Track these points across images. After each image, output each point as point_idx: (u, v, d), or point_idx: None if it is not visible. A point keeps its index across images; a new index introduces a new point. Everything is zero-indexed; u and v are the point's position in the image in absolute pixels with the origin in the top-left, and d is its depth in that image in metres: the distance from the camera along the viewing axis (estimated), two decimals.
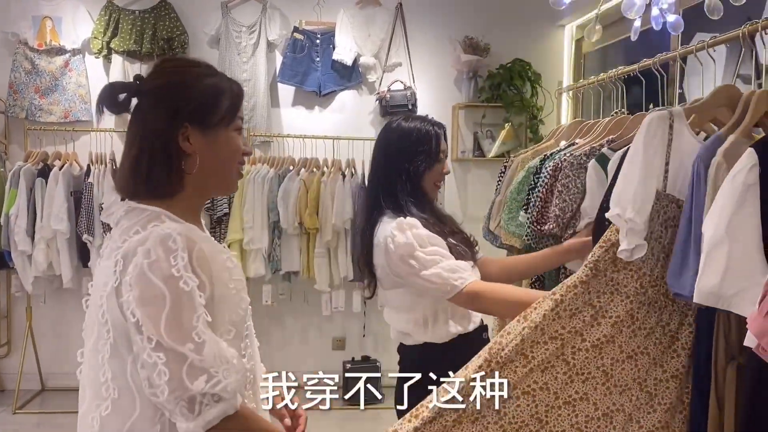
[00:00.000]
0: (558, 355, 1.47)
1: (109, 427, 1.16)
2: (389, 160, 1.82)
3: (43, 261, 3.97)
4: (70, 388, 4.39)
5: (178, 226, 1.13)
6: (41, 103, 4.28)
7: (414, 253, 1.67)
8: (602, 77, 2.45)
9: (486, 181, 4.55)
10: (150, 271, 1.08)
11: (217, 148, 1.20)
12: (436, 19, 4.54)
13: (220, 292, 1.15)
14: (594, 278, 1.47)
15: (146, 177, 1.17)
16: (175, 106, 1.17)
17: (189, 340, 1.07)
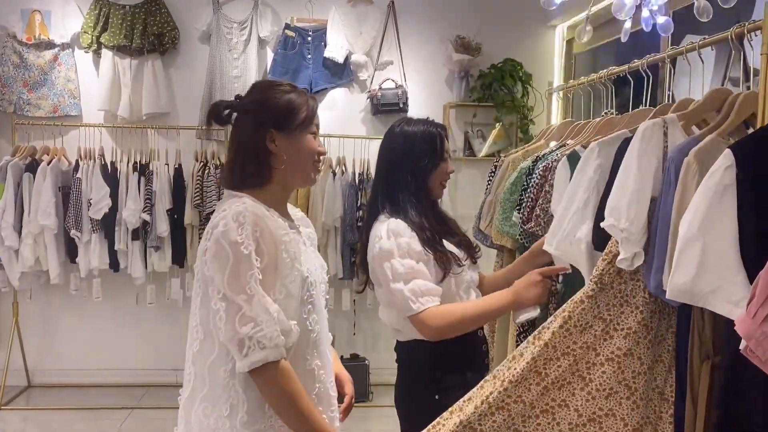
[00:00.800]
0: (573, 372, 1.47)
1: (198, 362, 1.47)
2: (394, 161, 1.87)
3: (30, 256, 3.94)
4: (57, 385, 4.38)
5: (251, 206, 1.43)
6: (30, 97, 4.25)
7: (391, 260, 1.74)
8: (593, 78, 2.46)
9: (476, 180, 4.56)
10: (222, 237, 1.39)
11: (296, 148, 1.52)
12: (427, 18, 4.54)
13: (275, 260, 1.43)
14: (601, 292, 1.48)
15: (241, 171, 1.51)
16: (263, 116, 1.51)
17: (243, 292, 1.36)
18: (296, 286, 1.46)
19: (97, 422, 3.87)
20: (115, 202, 4.04)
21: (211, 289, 1.40)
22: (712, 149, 1.41)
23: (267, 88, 1.56)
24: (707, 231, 1.25)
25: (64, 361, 4.45)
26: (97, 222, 4.01)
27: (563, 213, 1.70)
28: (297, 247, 1.48)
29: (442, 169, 1.88)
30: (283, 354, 1.39)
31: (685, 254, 1.27)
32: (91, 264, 4.05)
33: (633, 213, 1.45)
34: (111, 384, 4.38)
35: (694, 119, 1.61)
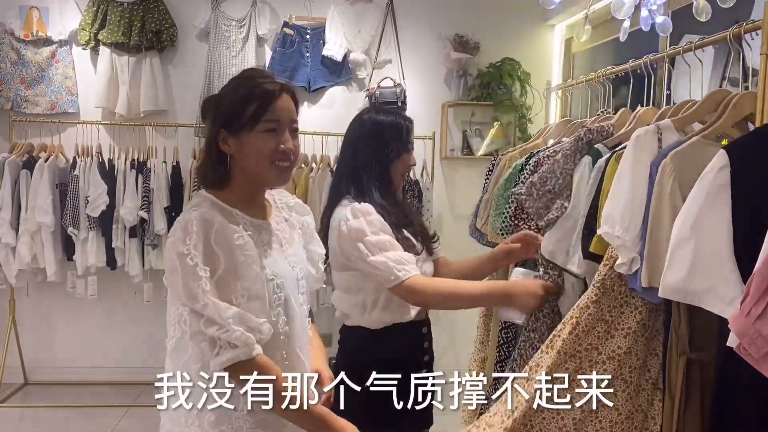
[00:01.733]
0: (576, 369, 1.52)
1: (173, 359, 1.47)
2: (360, 147, 1.91)
3: (27, 254, 3.93)
4: (54, 382, 4.37)
5: (201, 212, 1.38)
6: (27, 94, 4.24)
7: (364, 239, 1.75)
8: (591, 77, 2.46)
9: (474, 179, 4.54)
10: (170, 247, 1.39)
11: (245, 148, 1.43)
12: (426, 17, 4.53)
13: (233, 263, 1.38)
14: (603, 296, 1.52)
15: (204, 171, 1.48)
16: (213, 115, 1.46)
17: (197, 302, 1.34)
18: (259, 288, 1.41)
19: (94, 420, 3.86)
20: (113, 199, 4.03)
21: (172, 295, 1.42)
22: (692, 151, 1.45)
23: (229, 84, 1.49)
24: (700, 230, 1.26)
25: (60, 359, 4.44)
26: (95, 219, 4.01)
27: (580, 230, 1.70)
28: (252, 248, 1.41)
29: (405, 160, 1.93)
30: (253, 352, 1.36)
31: (678, 253, 1.29)
32: (88, 262, 4.04)
33: (627, 220, 1.47)
34: (108, 382, 4.37)
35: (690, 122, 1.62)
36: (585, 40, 2.67)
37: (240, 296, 1.38)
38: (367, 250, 1.75)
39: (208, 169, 1.47)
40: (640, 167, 1.50)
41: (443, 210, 4.64)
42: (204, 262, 1.34)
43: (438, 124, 4.55)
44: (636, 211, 1.47)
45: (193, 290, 1.34)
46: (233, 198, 1.46)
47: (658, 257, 1.41)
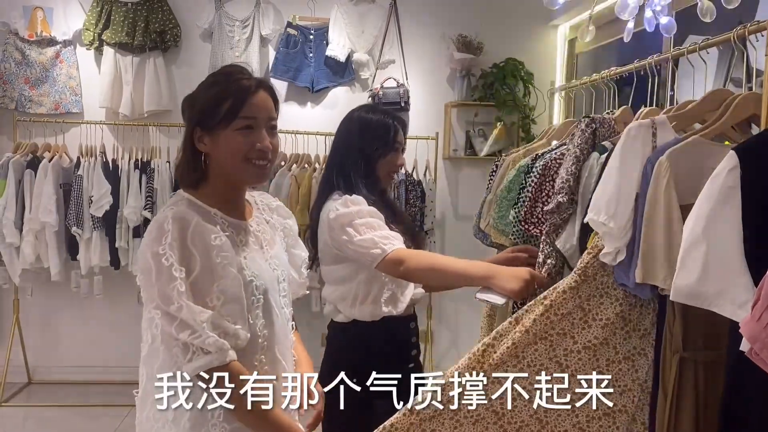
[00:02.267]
0: (550, 357, 1.50)
1: (146, 366, 1.43)
2: (348, 144, 1.93)
3: (30, 253, 3.94)
4: (57, 382, 4.38)
5: (177, 211, 1.35)
6: (31, 94, 4.25)
7: (352, 222, 1.77)
8: (595, 78, 2.46)
9: (477, 179, 4.55)
10: (145, 247, 1.34)
11: (221, 147, 1.40)
12: (429, 17, 4.54)
13: (209, 264, 1.33)
14: (584, 283, 1.51)
15: (181, 170, 1.45)
16: (189, 114, 1.43)
17: (171, 303, 1.29)
18: (236, 290, 1.36)
19: (97, 419, 3.87)
20: (116, 199, 4.04)
21: (144, 297, 1.35)
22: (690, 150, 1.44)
23: (204, 82, 1.45)
24: (711, 233, 1.26)
25: (64, 359, 4.46)
26: (98, 219, 4.02)
27: None
28: (229, 248, 1.37)
29: (391, 160, 1.95)
30: (227, 358, 1.31)
31: (690, 256, 1.28)
32: (92, 261, 4.05)
33: (613, 209, 1.47)
34: (111, 381, 4.37)
35: (689, 120, 1.62)
36: (589, 40, 2.67)
37: (216, 299, 1.33)
38: (354, 231, 1.77)
39: (185, 169, 1.44)
40: (630, 158, 1.49)
41: (446, 210, 4.64)
42: (179, 262, 1.30)
43: (441, 124, 4.55)
44: (623, 200, 1.47)
45: (167, 292, 1.29)
46: (211, 198, 1.43)
47: (653, 256, 1.42)
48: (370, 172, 1.92)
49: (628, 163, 1.49)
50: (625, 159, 1.49)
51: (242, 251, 1.41)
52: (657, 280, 1.42)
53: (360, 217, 1.78)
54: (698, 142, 1.46)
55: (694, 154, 1.42)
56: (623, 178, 1.48)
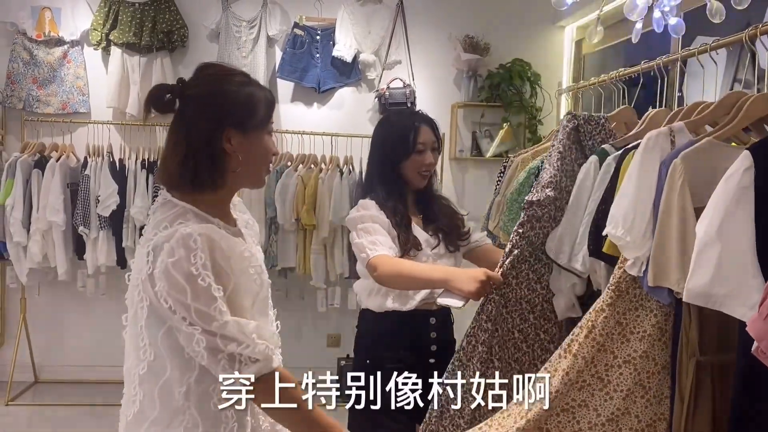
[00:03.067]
0: (592, 374, 1.51)
1: (146, 384, 1.36)
2: (372, 150, 2.09)
3: (38, 253, 3.95)
4: (64, 381, 4.39)
5: (200, 227, 1.28)
6: (39, 94, 4.26)
7: (356, 226, 1.92)
8: (604, 78, 2.45)
9: (484, 180, 4.55)
10: (173, 269, 1.25)
11: (253, 149, 1.37)
12: (436, 18, 4.53)
13: (243, 280, 1.33)
14: (618, 298, 1.52)
15: (193, 174, 1.33)
16: (218, 113, 1.34)
17: (214, 321, 1.25)
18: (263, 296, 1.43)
19: (104, 419, 3.87)
20: (123, 199, 4.05)
21: (175, 317, 1.27)
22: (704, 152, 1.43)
23: (221, 78, 1.38)
24: (725, 234, 1.25)
25: (71, 358, 4.47)
26: (105, 219, 4.03)
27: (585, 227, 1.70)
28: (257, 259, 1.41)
29: (415, 161, 2.00)
30: (273, 364, 1.31)
31: (703, 257, 1.27)
32: (99, 261, 4.06)
33: (630, 221, 1.47)
34: (117, 381, 4.33)
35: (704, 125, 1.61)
36: (597, 41, 2.66)
37: (252, 306, 1.36)
38: (356, 234, 1.92)
39: (202, 171, 1.33)
40: (648, 169, 1.49)
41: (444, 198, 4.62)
42: (216, 281, 1.26)
43: (447, 125, 4.55)
44: (640, 212, 1.47)
45: (207, 312, 1.25)
46: (211, 207, 1.36)
47: (664, 257, 1.41)
48: (392, 176, 2.01)
49: (645, 174, 1.48)
50: (643, 170, 1.49)
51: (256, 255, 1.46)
52: (671, 282, 1.41)
53: (362, 222, 1.92)
54: (712, 144, 1.45)
55: (708, 156, 1.41)
56: (641, 191, 1.48)
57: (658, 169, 1.49)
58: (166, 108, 1.36)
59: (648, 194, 1.48)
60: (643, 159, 1.50)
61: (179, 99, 1.36)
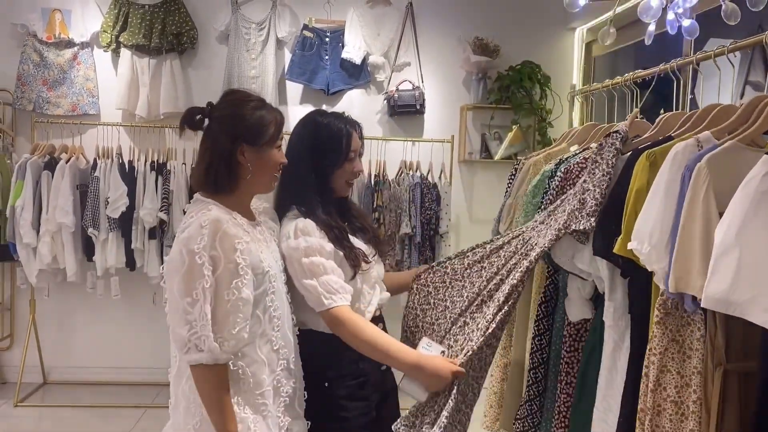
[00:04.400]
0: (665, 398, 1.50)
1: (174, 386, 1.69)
2: (300, 155, 1.85)
3: (47, 254, 3.96)
4: (72, 382, 4.40)
5: (215, 214, 1.59)
6: (49, 95, 4.27)
7: (302, 260, 1.75)
8: (617, 80, 2.43)
9: (493, 183, 4.54)
10: (182, 244, 1.56)
11: (262, 161, 1.70)
12: (446, 20, 4.52)
13: (230, 265, 1.56)
14: (667, 315, 1.50)
15: (215, 180, 1.67)
16: (236, 131, 1.67)
17: (189, 296, 1.51)
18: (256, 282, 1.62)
19: (112, 420, 3.88)
20: (133, 200, 4.05)
21: (166, 288, 1.57)
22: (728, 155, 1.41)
23: (240, 103, 1.70)
24: (745, 238, 1.23)
25: (79, 359, 4.47)
26: (114, 221, 4.02)
27: None
28: (254, 246, 1.63)
29: (346, 169, 1.88)
30: (216, 359, 1.53)
31: (722, 262, 1.25)
32: (108, 262, 4.06)
33: (656, 238, 1.45)
34: (126, 382, 4.39)
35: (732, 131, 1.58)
36: (610, 43, 2.64)
37: (231, 293, 1.55)
38: (302, 271, 1.75)
39: (221, 176, 1.66)
40: (675, 185, 1.46)
41: (461, 214, 4.62)
42: (209, 261, 1.52)
43: (456, 127, 4.54)
44: (665, 229, 1.45)
45: (191, 285, 1.51)
46: (233, 203, 1.68)
47: (687, 263, 1.39)
48: (325, 185, 1.87)
49: (671, 191, 1.45)
50: (670, 187, 1.46)
51: (259, 247, 1.66)
52: (693, 289, 1.38)
53: (307, 256, 1.74)
54: (736, 147, 1.42)
55: (732, 160, 1.39)
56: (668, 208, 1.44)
57: None
58: (197, 126, 1.70)
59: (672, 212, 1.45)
60: (671, 174, 1.47)
61: (208, 119, 1.69)
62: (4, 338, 4.38)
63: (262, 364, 1.62)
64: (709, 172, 1.37)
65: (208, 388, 1.55)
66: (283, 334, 1.70)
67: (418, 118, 4.49)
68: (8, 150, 4.24)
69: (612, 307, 1.66)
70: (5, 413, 3.95)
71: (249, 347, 1.61)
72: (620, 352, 1.66)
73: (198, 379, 1.56)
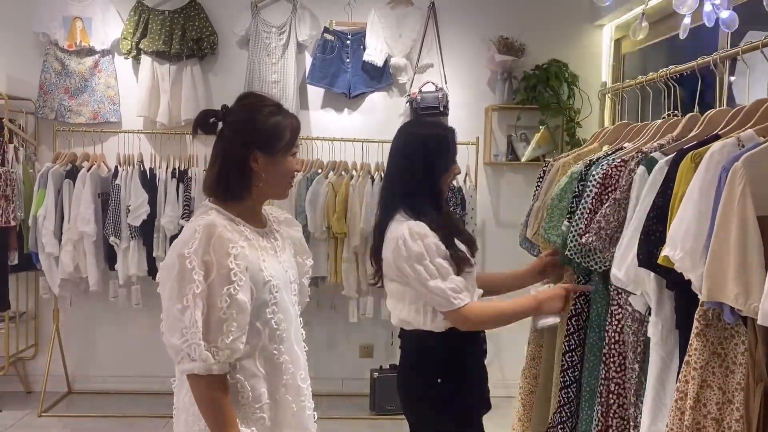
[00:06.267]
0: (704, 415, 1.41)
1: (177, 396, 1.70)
2: (408, 164, 1.96)
3: (69, 263, 3.94)
4: (97, 391, 4.38)
5: (210, 219, 1.54)
6: (70, 104, 4.26)
7: (424, 262, 1.83)
8: (652, 76, 2.31)
9: (520, 185, 4.41)
10: (174, 247, 1.53)
11: (276, 169, 1.63)
12: (469, 19, 4.42)
13: (223, 270, 1.49)
14: (708, 327, 1.41)
15: (226, 186, 1.61)
16: (249, 137, 1.60)
17: (179, 302, 1.47)
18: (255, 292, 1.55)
19: (137, 429, 3.84)
20: (154, 208, 4.02)
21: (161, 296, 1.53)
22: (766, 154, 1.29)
23: (255, 109, 1.64)
24: None
25: (104, 368, 4.45)
26: (136, 229, 3.99)
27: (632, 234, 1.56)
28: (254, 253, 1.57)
29: (453, 171, 2.01)
30: (209, 370, 1.48)
31: None
32: (130, 271, 4.03)
33: (690, 244, 1.35)
34: (150, 391, 4.35)
35: None
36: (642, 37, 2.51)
37: (223, 301, 1.48)
38: (426, 274, 1.83)
39: (233, 182, 1.61)
40: (712, 186, 1.35)
41: (487, 218, 4.51)
42: (200, 266, 1.47)
43: (482, 128, 4.43)
44: (700, 234, 1.35)
45: (182, 290, 1.46)
46: (238, 210, 1.62)
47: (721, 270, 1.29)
48: (434, 189, 1.96)
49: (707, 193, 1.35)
50: (706, 188, 1.36)
51: (261, 255, 1.60)
52: (728, 298, 1.29)
53: (430, 258, 1.84)
54: None
55: None
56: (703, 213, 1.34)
57: None
58: (210, 130, 1.64)
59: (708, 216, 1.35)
60: (706, 176, 1.36)
61: (222, 122, 1.63)
62: (28, 347, 4.38)
63: (261, 378, 1.57)
64: (747, 173, 1.27)
65: (204, 399, 1.51)
66: (288, 348, 1.63)
67: (442, 120, 4.37)
68: (31, 159, 4.23)
69: (660, 323, 1.54)
70: (30, 423, 3.94)
71: (248, 360, 1.55)
72: (668, 371, 1.53)
73: (194, 390, 1.52)
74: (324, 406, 4.16)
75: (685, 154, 1.47)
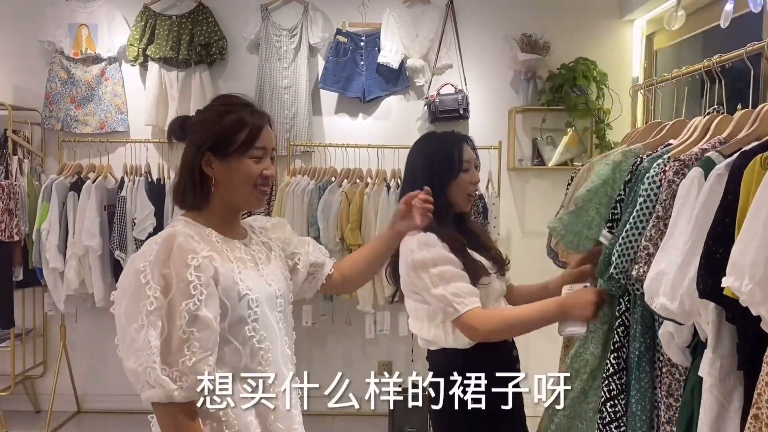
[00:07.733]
0: None
1: None
2: (415, 175, 1.94)
3: (74, 279, 3.79)
4: (106, 411, 4.22)
5: (174, 229, 1.42)
6: (77, 113, 4.13)
7: (427, 269, 1.79)
8: (698, 67, 2.04)
9: (547, 192, 4.16)
10: (131, 262, 1.39)
11: (231, 173, 1.48)
12: (490, 16, 4.19)
13: (182, 284, 1.35)
14: None
15: (183, 192, 1.50)
16: (200, 139, 1.48)
17: (135, 321, 1.32)
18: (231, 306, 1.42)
19: None
20: (160, 221, 3.86)
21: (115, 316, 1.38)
22: None
23: (215, 108, 1.52)
24: None
25: (113, 386, 4.29)
26: (141, 242, 3.83)
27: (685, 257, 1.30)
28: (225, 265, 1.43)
29: (462, 181, 1.92)
30: (171, 397, 1.33)
31: None
32: None
33: (760, 273, 1.11)
34: None
35: None
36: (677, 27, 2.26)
37: (182, 317, 1.33)
38: (430, 282, 1.79)
39: (187, 191, 1.49)
40: None
41: (512, 227, 4.26)
42: (156, 281, 1.33)
43: (505, 132, 4.18)
44: None
45: (137, 308, 1.32)
46: (209, 220, 1.50)
47: None
48: (443, 200, 1.88)
49: None
50: None
51: (237, 266, 1.46)
52: None
53: (434, 265, 1.79)
54: None
55: None
56: None
57: None
58: (181, 137, 1.53)
59: None
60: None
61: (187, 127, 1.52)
62: (36, 365, 4.25)
63: (246, 401, 1.43)
64: None
65: (168, 428, 1.37)
66: (275, 368, 1.50)
67: (462, 123, 4.15)
68: (36, 171, 4.10)
69: (718, 362, 1.27)
70: None
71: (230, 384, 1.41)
72: (726, 418, 1.27)
73: (159, 420, 1.38)
74: (340, 428, 3.96)
75: (750, 156, 1.20)
